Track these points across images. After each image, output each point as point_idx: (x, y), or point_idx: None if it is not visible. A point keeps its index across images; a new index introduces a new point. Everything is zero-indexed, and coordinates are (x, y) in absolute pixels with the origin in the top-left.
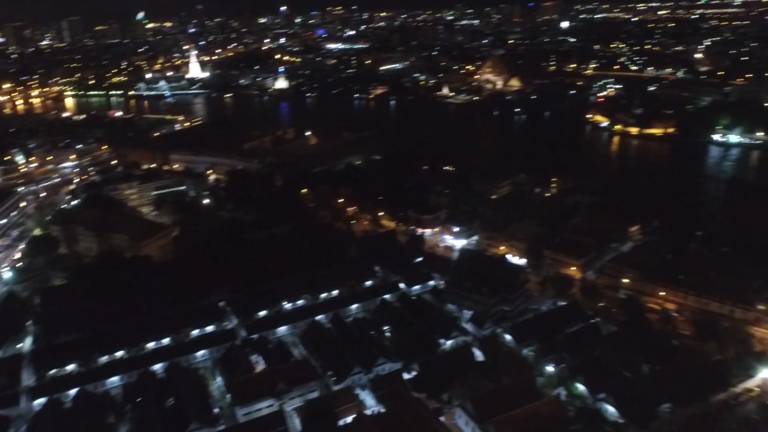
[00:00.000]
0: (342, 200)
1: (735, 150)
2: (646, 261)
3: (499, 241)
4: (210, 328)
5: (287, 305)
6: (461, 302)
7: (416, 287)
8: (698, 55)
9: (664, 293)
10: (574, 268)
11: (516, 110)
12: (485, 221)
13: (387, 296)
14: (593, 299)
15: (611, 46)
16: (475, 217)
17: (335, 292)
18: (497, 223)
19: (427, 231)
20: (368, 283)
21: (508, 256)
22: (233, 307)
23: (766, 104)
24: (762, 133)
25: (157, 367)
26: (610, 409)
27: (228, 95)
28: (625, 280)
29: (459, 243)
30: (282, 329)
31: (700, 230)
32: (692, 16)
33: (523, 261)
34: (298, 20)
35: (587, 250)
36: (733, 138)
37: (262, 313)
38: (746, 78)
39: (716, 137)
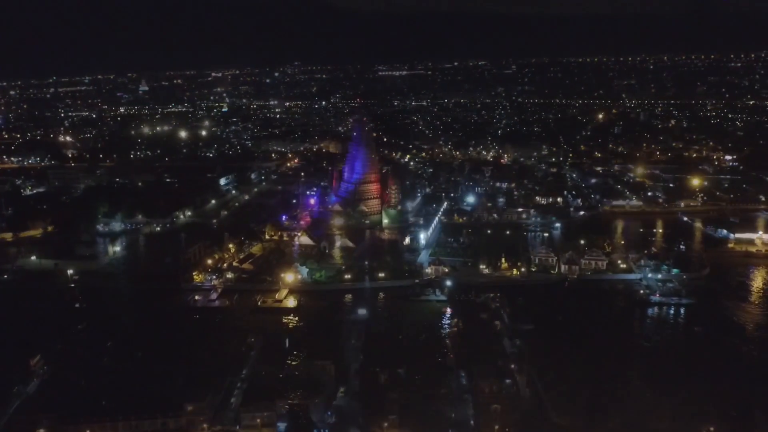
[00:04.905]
0: None
1: (124, 238)
2: (60, 398)
3: None
4: None
5: None
6: None
7: None
8: (66, 138)
9: (90, 431)
10: None
11: None
12: None
13: None
14: None
15: None
16: None
17: None
18: None
19: None
20: None
21: None
22: None
23: (139, 183)
24: (141, 216)
25: None
26: None
27: None
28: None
29: None
30: None
31: (110, 340)
32: (47, 96)
33: None
34: None
35: None
36: (117, 225)
37: None
38: (114, 158)
39: (101, 227)
